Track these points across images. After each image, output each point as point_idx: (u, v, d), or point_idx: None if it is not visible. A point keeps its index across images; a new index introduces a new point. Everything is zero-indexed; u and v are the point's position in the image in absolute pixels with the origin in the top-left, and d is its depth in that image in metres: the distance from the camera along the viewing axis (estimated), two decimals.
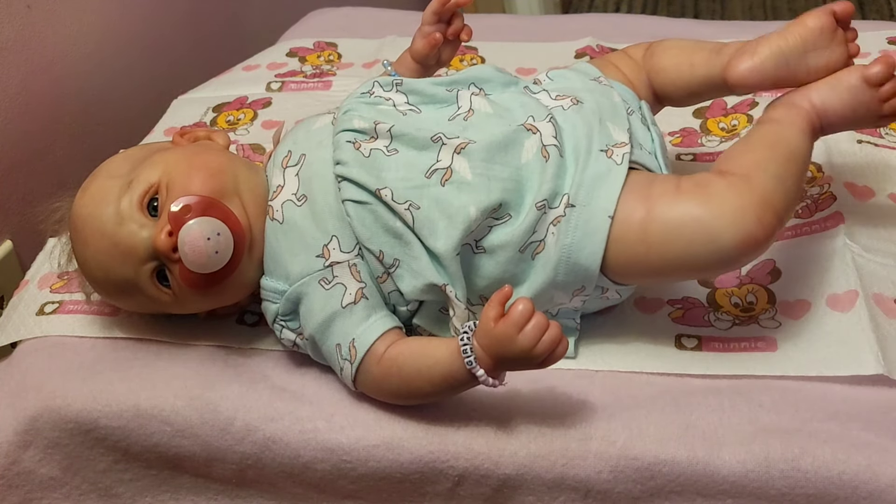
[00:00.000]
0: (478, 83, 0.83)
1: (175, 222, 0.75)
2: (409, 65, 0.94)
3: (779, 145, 0.77)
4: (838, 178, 0.94)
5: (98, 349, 0.85)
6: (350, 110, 0.80)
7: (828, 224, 0.88)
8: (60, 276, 0.93)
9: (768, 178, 0.73)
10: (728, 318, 0.83)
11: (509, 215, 0.76)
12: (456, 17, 0.93)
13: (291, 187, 0.79)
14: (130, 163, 0.81)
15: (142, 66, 1.36)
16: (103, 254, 0.78)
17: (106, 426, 0.80)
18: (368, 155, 0.77)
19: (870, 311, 0.79)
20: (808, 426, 0.72)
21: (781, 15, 2.40)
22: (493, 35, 1.31)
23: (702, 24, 1.47)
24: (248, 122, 1.16)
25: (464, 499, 0.76)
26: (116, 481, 0.83)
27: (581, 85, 0.84)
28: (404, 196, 0.75)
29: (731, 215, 0.72)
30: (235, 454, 0.78)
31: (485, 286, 0.77)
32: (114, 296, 0.83)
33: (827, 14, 0.80)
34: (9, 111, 1.12)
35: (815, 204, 0.91)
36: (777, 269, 0.86)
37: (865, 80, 0.78)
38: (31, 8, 1.14)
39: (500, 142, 0.77)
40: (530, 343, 0.67)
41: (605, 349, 0.81)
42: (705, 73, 0.85)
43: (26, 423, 0.81)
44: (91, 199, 0.79)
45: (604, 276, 0.76)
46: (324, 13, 1.48)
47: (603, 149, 0.77)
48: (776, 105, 0.82)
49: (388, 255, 0.76)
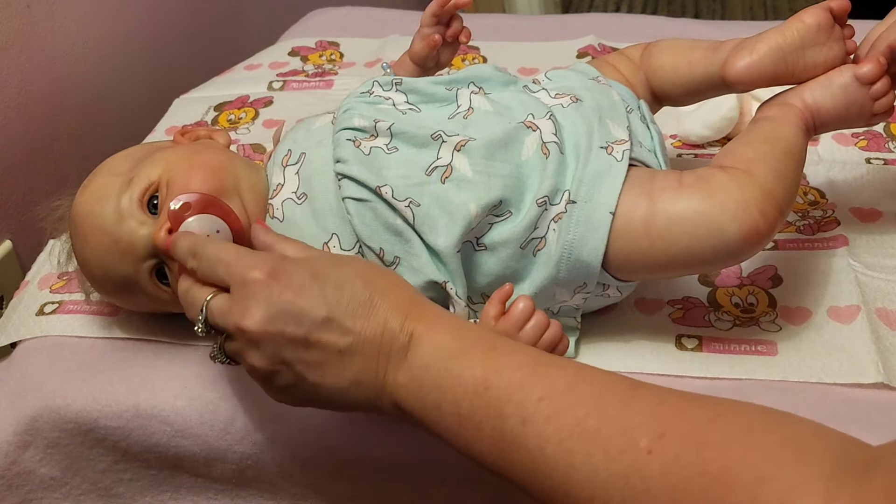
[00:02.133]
0: (477, 82, 0.83)
1: (175, 220, 0.75)
2: (409, 67, 0.94)
3: (777, 141, 0.77)
4: (844, 202, 0.94)
5: (98, 349, 0.85)
6: (350, 109, 0.80)
7: (830, 244, 0.89)
8: (60, 276, 0.93)
9: (769, 172, 0.74)
10: (729, 319, 0.83)
11: (510, 212, 0.76)
12: (455, 18, 0.93)
13: (291, 186, 0.79)
14: (131, 161, 0.81)
15: (142, 66, 1.37)
16: (103, 251, 0.78)
17: (106, 426, 0.80)
18: (368, 153, 0.77)
19: (871, 324, 0.80)
20: None
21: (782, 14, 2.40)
22: (493, 35, 1.31)
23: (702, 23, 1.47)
24: (250, 120, 1.16)
25: (464, 500, 0.76)
26: (116, 481, 0.83)
27: (580, 84, 0.85)
28: (405, 193, 0.75)
29: (735, 208, 0.72)
30: (235, 454, 0.78)
31: (486, 283, 0.77)
32: (113, 294, 0.83)
33: (824, 11, 0.80)
34: (8, 111, 1.12)
35: (817, 224, 0.92)
36: (778, 275, 0.86)
37: (857, 79, 0.78)
38: (31, 7, 1.14)
39: (500, 139, 0.77)
40: (531, 341, 0.68)
41: (605, 349, 0.81)
42: (703, 70, 0.86)
43: (26, 424, 0.81)
44: (91, 196, 0.79)
45: (606, 272, 0.76)
46: (324, 12, 1.48)
47: (603, 146, 0.78)
48: (770, 104, 0.82)
49: (388, 253, 0.76)
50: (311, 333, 0.63)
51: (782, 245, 0.89)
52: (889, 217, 0.92)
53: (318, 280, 0.64)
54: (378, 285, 0.65)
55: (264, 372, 0.65)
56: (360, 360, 0.63)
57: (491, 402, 0.59)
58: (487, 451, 0.60)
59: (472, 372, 0.61)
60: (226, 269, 0.66)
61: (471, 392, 0.60)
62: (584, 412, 0.56)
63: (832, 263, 0.87)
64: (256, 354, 0.65)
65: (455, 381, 0.61)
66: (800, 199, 0.95)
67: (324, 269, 0.65)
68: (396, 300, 0.65)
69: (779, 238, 0.90)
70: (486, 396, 0.60)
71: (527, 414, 0.58)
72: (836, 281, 0.85)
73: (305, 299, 0.63)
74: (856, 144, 1.02)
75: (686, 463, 0.52)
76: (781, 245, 0.89)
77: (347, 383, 0.64)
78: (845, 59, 0.81)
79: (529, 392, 0.58)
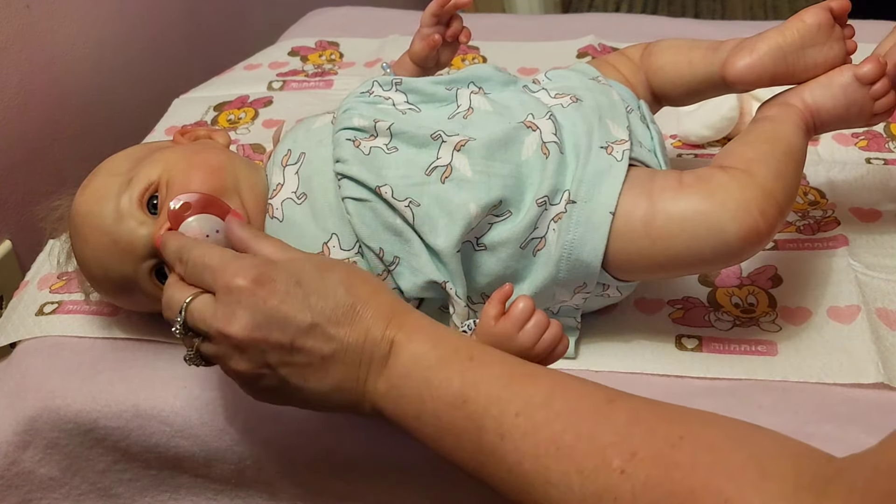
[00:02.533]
0: (477, 82, 0.83)
1: (174, 219, 0.75)
2: (409, 67, 0.94)
3: (777, 141, 0.77)
4: (844, 203, 0.94)
5: (98, 349, 0.85)
6: (349, 109, 0.80)
7: (830, 244, 0.89)
8: (60, 276, 0.93)
9: (769, 172, 0.74)
10: (728, 319, 0.83)
11: (510, 212, 0.76)
12: (455, 18, 0.93)
13: (291, 185, 0.79)
14: (130, 161, 0.81)
15: (141, 66, 1.36)
16: (102, 251, 0.78)
17: (105, 426, 0.80)
18: (368, 153, 0.77)
19: (871, 324, 0.80)
20: (807, 428, 0.72)
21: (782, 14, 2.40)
22: (493, 35, 1.31)
23: (702, 23, 1.47)
24: (249, 120, 1.16)
25: (464, 499, 0.76)
26: (116, 481, 0.83)
27: (580, 84, 0.85)
28: (404, 193, 0.75)
29: (735, 208, 0.72)
30: (235, 454, 0.78)
31: (486, 283, 0.77)
32: (113, 294, 0.83)
33: (824, 10, 0.80)
34: (8, 111, 1.12)
35: (817, 224, 0.92)
36: (778, 275, 0.86)
37: (857, 79, 0.79)
38: (31, 8, 1.14)
39: (500, 139, 0.77)
40: (531, 341, 0.67)
41: (606, 350, 0.81)
42: (703, 70, 0.86)
43: (26, 424, 0.81)
44: (91, 196, 0.79)
45: (606, 272, 0.76)
46: (324, 12, 1.48)
47: (603, 146, 0.77)
48: (770, 104, 0.82)
49: (388, 253, 0.76)
50: (296, 339, 0.63)
51: (782, 245, 0.89)
52: (889, 217, 0.92)
53: (303, 286, 0.64)
54: (361, 292, 0.65)
55: (247, 376, 0.66)
56: (343, 367, 0.64)
57: (469, 415, 0.60)
58: (468, 461, 0.61)
59: (451, 384, 0.62)
60: (211, 274, 0.66)
61: (450, 405, 0.61)
62: (560, 427, 0.58)
63: (832, 263, 0.87)
64: (240, 359, 0.65)
65: (434, 393, 0.62)
66: (800, 199, 0.95)
67: (308, 276, 0.65)
68: (379, 307, 0.65)
69: (779, 238, 0.90)
70: (464, 409, 0.61)
71: (504, 429, 0.59)
72: (836, 281, 0.85)
73: (290, 306, 0.64)
74: (856, 144, 1.02)
75: (655, 484, 0.54)
76: (781, 245, 0.89)
77: (329, 388, 0.65)
78: (845, 59, 0.81)
79: (506, 406, 0.60)
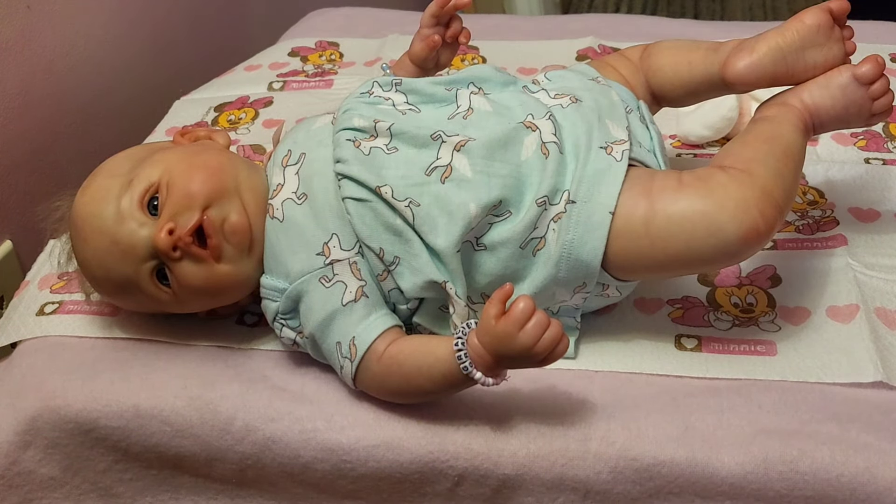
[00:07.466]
0: (477, 82, 0.83)
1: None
2: (408, 68, 0.94)
3: (776, 141, 0.77)
4: (843, 202, 0.94)
5: (98, 349, 0.85)
6: (350, 109, 0.80)
7: (829, 244, 0.89)
8: (60, 276, 0.93)
9: (768, 172, 0.74)
10: (728, 319, 0.83)
11: (509, 212, 0.76)
12: (454, 19, 0.93)
13: (291, 186, 0.79)
14: (131, 162, 0.81)
15: (142, 66, 1.36)
16: (103, 252, 0.78)
17: (106, 426, 0.80)
18: (368, 153, 0.77)
19: (870, 324, 0.80)
20: (808, 427, 0.72)
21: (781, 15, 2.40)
22: (493, 35, 1.31)
23: (702, 24, 1.47)
24: (250, 121, 1.16)
25: (463, 499, 0.76)
26: (116, 481, 0.83)
27: (579, 84, 0.85)
28: (404, 193, 0.75)
29: (734, 208, 0.72)
30: (235, 454, 0.78)
31: (486, 283, 0.77)
32: (113, 294, 0.83)
33: (824, 11, 0.80)
34: (9, 111, 1.12)
35: (816, 224, 0.92)
36: (777, 275, 0.86)
37: (856, 79, 0.79)
38: (31, 8, 1.14)
39: (499, 139, 0.77)
40: (531, 341, 0.67)
41: (605, 349, 0.81)
42: (703, 71, 0.86)
43: (26, 424, 0.81)
44: (91, 197, 0.79)
45: (605, 272, 0.76)
46: (324, 13, 1.48)
47: (602, 146, 0.78)
48: (769, 104, 0.82)
49: (388, 253, 0.76)
50: None
51: (781, 245, 0.90)
52: (888, 217, 0.92)
53: None
54: None
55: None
56: None
57: None
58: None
59: None
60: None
61: None
62: None
63: (831, 263, 0.87)
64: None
65: None
66: (799, 199, 0.96)
67: None
68: None
69: (778, 238, 0.90)
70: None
71: None
72: (835, 280, 0.85)
73: None
74: (855, 144, 1.02)
75: None
76: (780, 245, 0.90)
77: None
78: (845, 60, 0.81)
79: None
